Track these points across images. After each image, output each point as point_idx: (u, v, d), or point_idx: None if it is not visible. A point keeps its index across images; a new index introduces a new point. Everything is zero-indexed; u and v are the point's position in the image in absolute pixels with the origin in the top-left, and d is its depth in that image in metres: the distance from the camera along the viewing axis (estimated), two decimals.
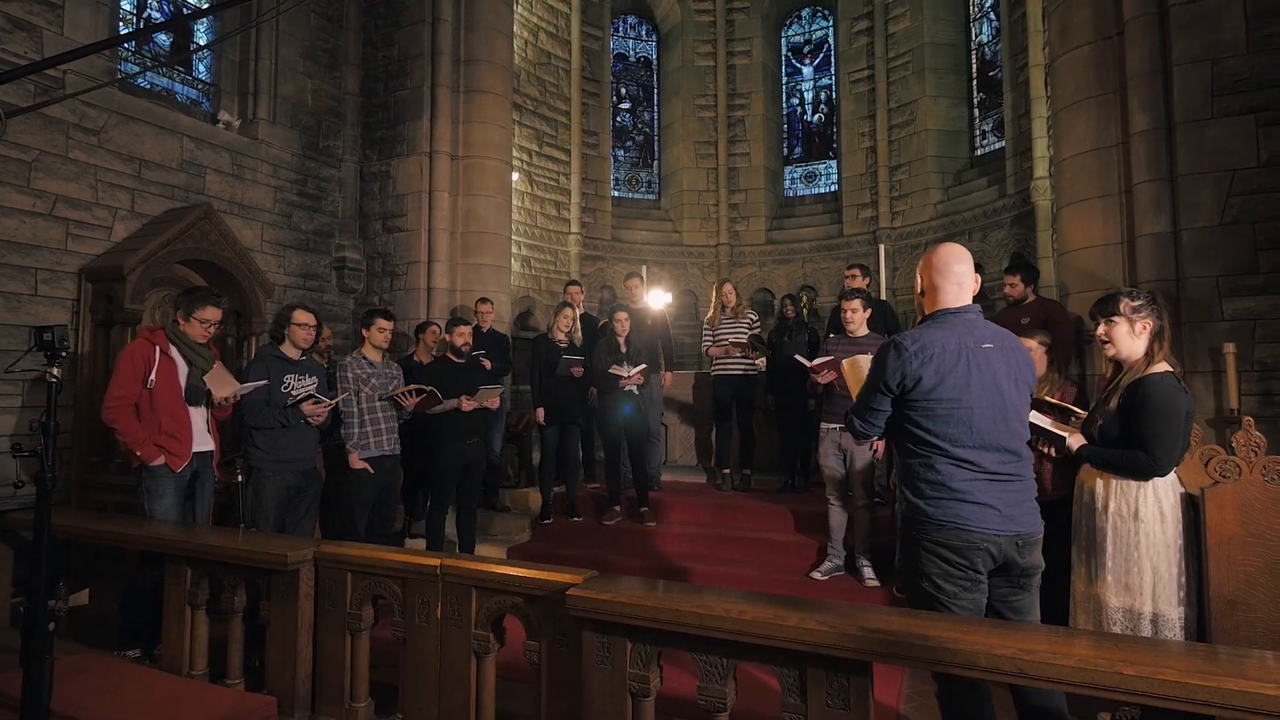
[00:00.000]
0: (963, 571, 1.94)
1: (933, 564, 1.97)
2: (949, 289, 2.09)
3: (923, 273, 2.15)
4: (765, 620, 1.83)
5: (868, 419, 2.11)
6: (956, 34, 8.95)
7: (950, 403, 1.96)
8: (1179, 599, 2.32)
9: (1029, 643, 1.60)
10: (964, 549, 1.93)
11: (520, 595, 2.35)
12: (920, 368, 1.96)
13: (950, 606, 1.95)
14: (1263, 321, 4.07)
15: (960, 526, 1.93)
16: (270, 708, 2.68)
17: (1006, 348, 2.06)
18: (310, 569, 2.74)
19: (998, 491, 1.96)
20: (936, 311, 2.09)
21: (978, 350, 2.00)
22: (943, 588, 1.95)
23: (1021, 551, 1.98)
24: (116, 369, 3.44)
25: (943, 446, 1.97)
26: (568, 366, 5.27)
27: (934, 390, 1.96)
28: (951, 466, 1.96)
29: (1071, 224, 4.90)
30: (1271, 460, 2.37)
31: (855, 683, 1.79)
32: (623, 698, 2.07)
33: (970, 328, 2.04)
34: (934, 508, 1.97)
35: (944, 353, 1.98)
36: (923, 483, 2.00)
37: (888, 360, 2.02)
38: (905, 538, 2.06)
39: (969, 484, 1.95)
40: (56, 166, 4.81)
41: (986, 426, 1.97)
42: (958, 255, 2.12)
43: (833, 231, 9.79)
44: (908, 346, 2.00)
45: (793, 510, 5.16)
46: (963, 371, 1.97)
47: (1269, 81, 4.10)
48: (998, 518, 1.94)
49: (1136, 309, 2.40)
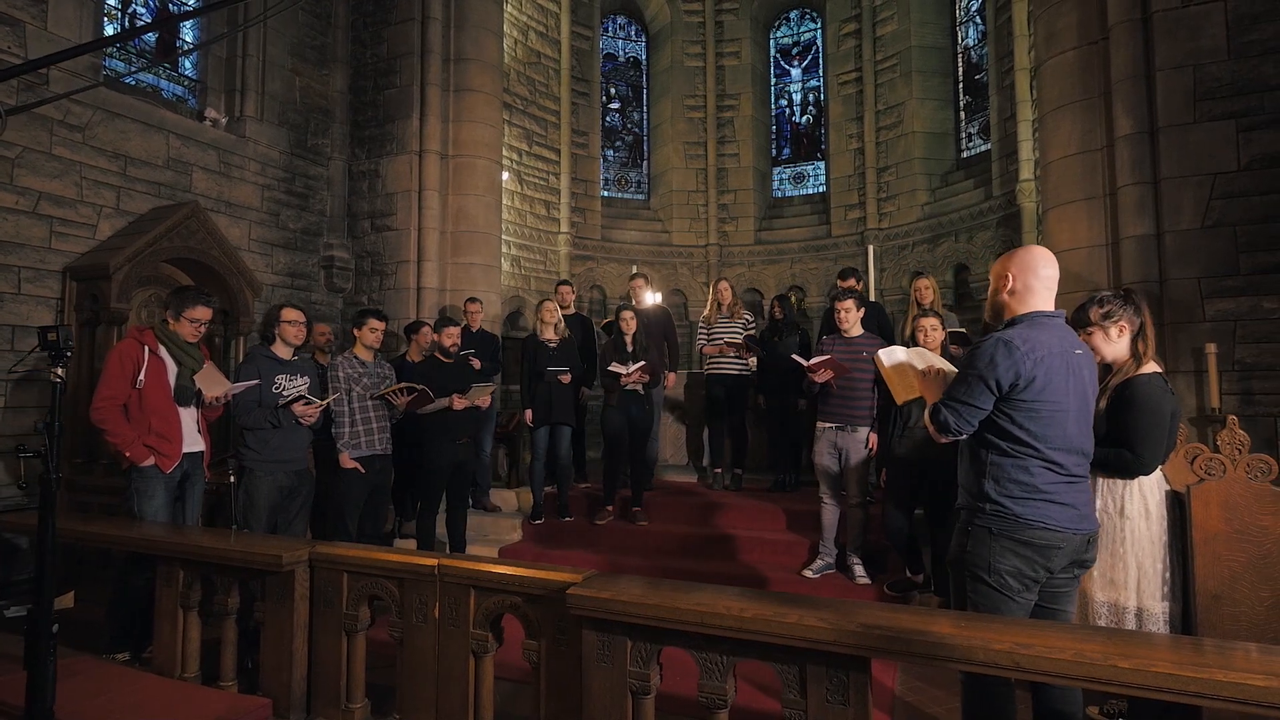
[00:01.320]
0: (1036, 571, 2.00)
1: (1008, 561, 1.99)
2: (1042, 292, 2.10)
3: (1012, 272, 2.11)
4: (765, 618, 1.85)
5: (964, 415, 2.04)
6: (943, 37, 9.05)
7: (1053, 404, 2.00)
8: (1163, 594, 2.37)
9: (1025, 637, 1.63)
10: (1046, 548, 1.99)
11: (519, 595, 2.35)
12: (1034, 368, 1.98)
13: (1010, 602, 1.99)
14: (1243, 322, 4.16)
15: (1048, 526, 1.98)
16: (265, 709, 2.67)
17: (1088, 356, 2.13)
18: (305, 570, 2.73)
19: (1076, 492, 2.04)
20: (1033, 313, 2.08)
21: (1073, 355, 2.06)
22: (1010, 584, 1.99)
23: (1088, 548, 2.07)
24: (105, 369, 3.40)
25: (1038, 448, 2.00)
26: (554, 376, 5.27)
27: (1043, 391, 1.99)
28: (1043, 468, 2.00)
29: (1057, 226, 4.98)
30: (1255, 458, 2.44)
31: (854, 678, 1.82)
32: (623, 696, 2.08)
33: (1064, 333, 2.09)
34: (1022, 507, 2.00)
35: (1050, 354, 2.00)
36: (1012, 482, 2.01)
37: (998, 358, 1.99)
38: (979, 533, 2.05)
39: (1055, 485, 2.01)
40: (40, 164, 4.74)
41: (1074, 430, 2.03)
42: (1048, 259, 2.13)
43: (821, 232, 9.85)
44: (1019, 345, 1.98)
45: (784, 509, 5.20)
46: (1063, 375, 2.01)
47: (1249, 87, 4.19)
48: (1077, 516, 2.02)
49: (1106, 315, 2.44)
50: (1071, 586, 2.09)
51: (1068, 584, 2.08)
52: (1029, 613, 2.03)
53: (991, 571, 2.01)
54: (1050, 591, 2.06)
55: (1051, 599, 2.07)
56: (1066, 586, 2.08)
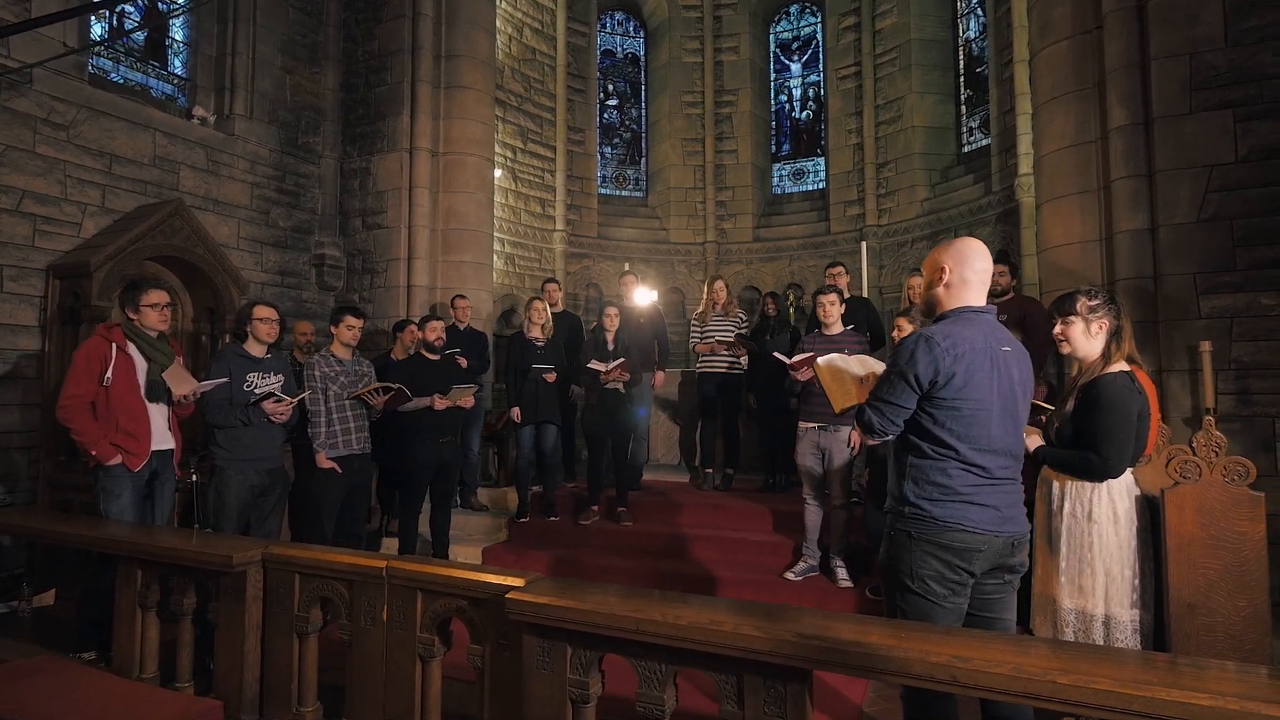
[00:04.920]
0: (958, 574, 1.92)
1: (929, 565, 1.92)
2: (976, 285, 2.01)
3: (945, 264, 2.02)
4: (700, 625, 1.78)
5: (887, 415, 1.96)
6: (944, 30, 8.88)
7: (975, 403, 1.91)
8: (1132, 601, 2.27)
9: (963, 649, 1.54)
10: (965, 551, 1.91)
11: (464, 598, 2.29)
12: (954, 364, 1.89)
13: (938, 608, 1.92)
14: (1240, 319, 4.02)
15: (965, 529, 1.90)
16: (217, 712, 2.63)
17: (1019, 353, 2.04)
18: (259, 570, 2.68)
19: (999, 494, 1.95)
20: (961, 308, 2.00)
21: (999, 352, 1.96)
22: (934, 589, 1.92)
23: (1014, 552, 1.97)
24: (71, 367, 3.38)
25: (958, 449, 1.92)
26: (539, 375, 5.22)
27: (964, 389, 1.90)
28: (962, 470, 1.92)
29: (1051, 220, 4.85)
30: (1232, 461, 2.32)
31: (792, 690, 1.74)
32: (562, 704, 2.02)
33: (992, 329, 2.00)
34: (940, 509, 1.92)
35: (973, 351, 1.92)
36: (930, 484, 1.94)
37: (918, 354, 1.91)
38: (899, 538, 1.99)
39: (975, 487, 1.92)
40: (23, 162, 4.75)
41: (999, 430, 1.94)
42: (981, 251, 2.04)
43: (820, 229, 9.72)
44: (939, 342, 1.90)
45: (772, 510, 5.12)
46: (986, 372, 1.93)
47: (1247, 76, 4.05)
48: (999, 518, 1.93)
49: (1093, 309, 2.35)
50: (1005, 594, 1.99)
51: (999, 591, 1.98)
52: (961, 619, 1.94)
53: (914, 577, 1.93)
54: (982, 599, 1.97)
55: (985, 607, 1.97)
56: (999, 594, 1.98)
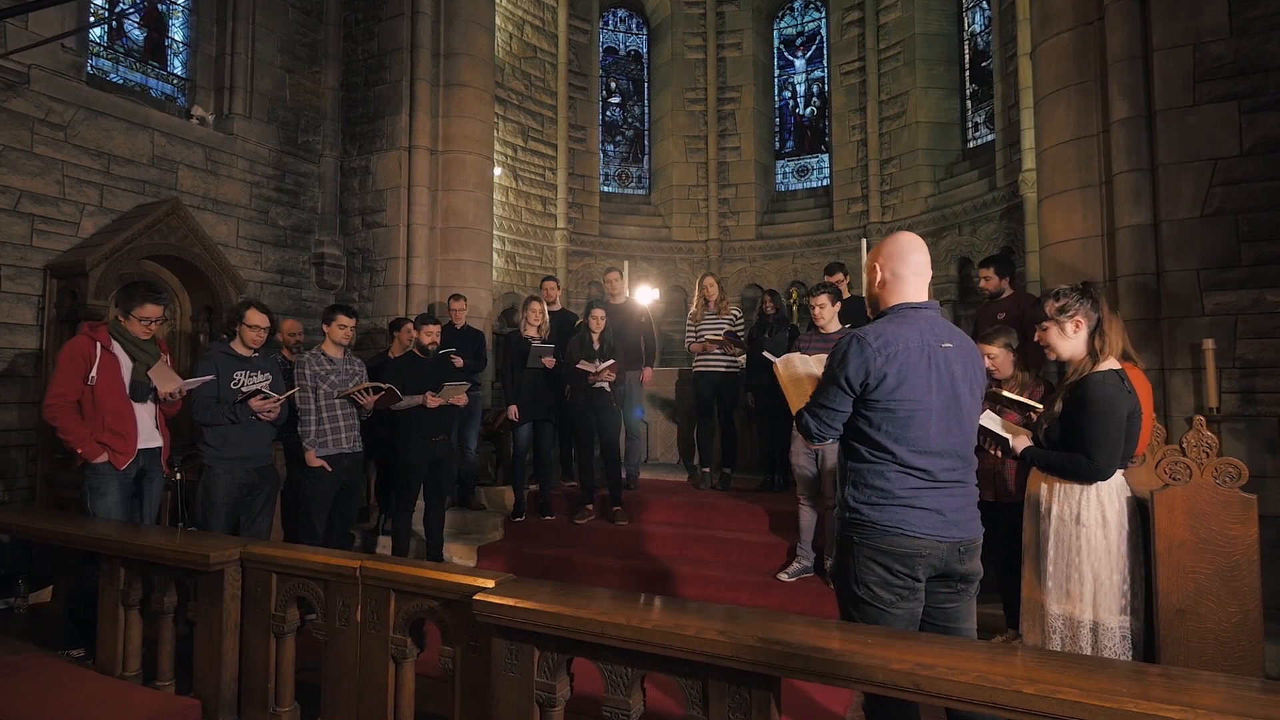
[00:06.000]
0: (902, 580, 1.85)
1: (872, 571, 1.87)
2: (911, 280, 1.95)
3: (879, 262, 1.99)
4: (665, 629, 1.74)
5: (824, 420, 1.93)
6: (948, 24, 8.77)
7: (911, 403, 1.85)
8: (1121, 607, 2.19)
9: (927, 657, 1.50)
10: (906, 556, 1.84)
11: (436, 599, 2.27)
12: (885, 365, 1.84)
13: (886, 614, 1.85)
14: (1245, 316, 3.92)
15: (905, 533, 1.84)
16: (195, 711, 2.62)
17: (964, 348, 1.96)
18: (236, 570, 2.67)
19: (943, 497, 1.87)
20: (898, 305, 1.95)
21: (939, 349, 1.89)
22: (880, 596, 1.86)
23: (962, 558, 1.89)
24: (57, 366, 3.39)
25: (896, 451, 1.85)
26: (538, 356, 5.17)
27: (896, 390, 1.85)
28: (901, 473, 1.86)
29: (1052, 216, 4.76)
30: (1224, 462, 2.24)
31: (757, 696, 1.70)
32: (530, 707, 1.98)
33: (932, 325, 1.93)
34: (879, 512, 1.86)
35: (908, 350, 1.86)
36: (869, 488, 1.89)
37: (849, 355, 1.87)
38: (844, 543, 1.95)
39: (916, 490, 1.85)
40: (21, 162, 4.78)
41: (941, 430, 1.87)
42: (916, 244, 1.98)
43: (824, 226, 9.64)
44: (870, 341, 1.86)
45: (768, 510, 5.07)
46: (923, 371, 1.86)
47: (1252, 66, 3.94)
48: (942, 523, 1.86)
49: (1061, 309, 2.29)
50: (960, 602, 1.91)
51: (953, 599, 1.91)
52: (915, 624, 1.88)
53: (859, 584, 1.87)
54: (937, 608, 1.90)
55: (941, 616, 1.90)
56: (952, 602, 1.91)
